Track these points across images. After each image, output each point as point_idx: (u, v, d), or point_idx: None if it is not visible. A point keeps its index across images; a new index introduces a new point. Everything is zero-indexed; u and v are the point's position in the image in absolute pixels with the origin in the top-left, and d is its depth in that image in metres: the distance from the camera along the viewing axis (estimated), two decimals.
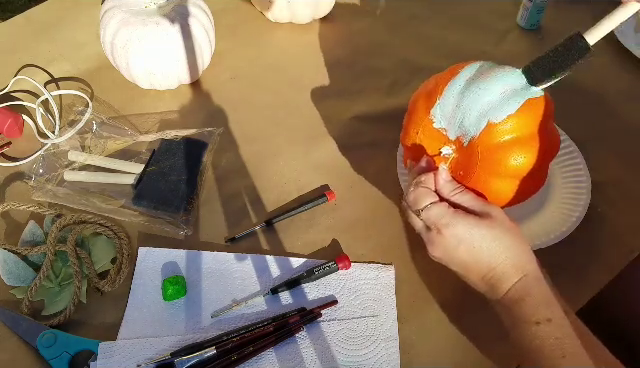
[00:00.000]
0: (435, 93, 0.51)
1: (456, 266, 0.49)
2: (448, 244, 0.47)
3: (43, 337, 0.51)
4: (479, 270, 0.47)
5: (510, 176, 0.49)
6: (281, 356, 0.52)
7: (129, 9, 0.70)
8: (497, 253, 0.46)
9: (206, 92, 0.77)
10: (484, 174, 0.50)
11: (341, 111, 0.75)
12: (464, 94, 0.49)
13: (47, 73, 0.78)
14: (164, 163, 0.65)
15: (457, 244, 0.47)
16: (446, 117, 0.51)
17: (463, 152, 0.51)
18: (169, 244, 0.60)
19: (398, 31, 0.88)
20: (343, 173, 0.68)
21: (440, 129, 0.52)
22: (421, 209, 0.49)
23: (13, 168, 0.67)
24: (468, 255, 0.47)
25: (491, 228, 0.47)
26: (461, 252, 0.47)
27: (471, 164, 0.50)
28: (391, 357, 0.52)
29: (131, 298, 0.56)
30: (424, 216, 0.49)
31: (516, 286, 0.46)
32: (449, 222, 0.47)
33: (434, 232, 0.48)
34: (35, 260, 0.58)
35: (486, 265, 0.47)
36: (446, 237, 0.47)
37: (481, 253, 0.46)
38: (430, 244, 0.49)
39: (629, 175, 0.68)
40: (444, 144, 0.53)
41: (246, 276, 0.58)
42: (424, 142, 0.54)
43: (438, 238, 0.48)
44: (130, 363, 0.50)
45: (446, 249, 0.47)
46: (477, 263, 0.47)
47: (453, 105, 0.50)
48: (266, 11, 0.86)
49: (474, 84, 0.49)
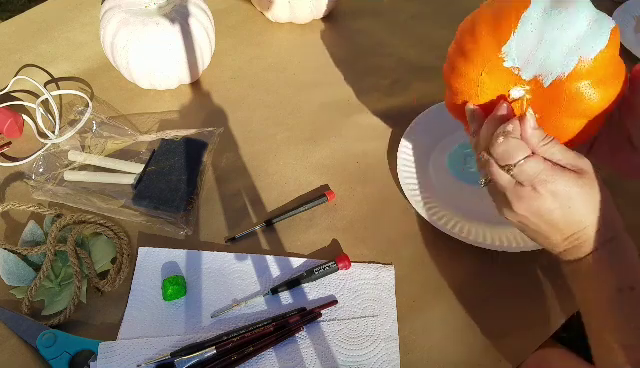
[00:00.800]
0: (507, 26, 0.43)
1: (541, 225, 0.44)
2: (542, 203, 0.43)
3: (43, 337, 0.51)
4: (567, 230, 0.44)
5: (591, 115, 0.45)
6: (281, 356, 0.52)
7: (129, 9, 0.70)
8: (590, 213, 0.43)
9: (206, 92, 0.77)
10: (566, 116, 0.45)
11: (341, 111, 0.75)
12: (546, 27, 0.42)
13: (47, 73, 0.78)
14: (164, 163, 0.65)
15: (552, 202, 0.42)
16: (523, 55, 0.44)
17: (541, 93, 0.45)
18: (169, 244, 0.60)
19: (398, 31, 0.88)
20: (343, 173, 0.68)
21: (512, 68, 0.45)
22: (514, 164, 0.43)
23: (13, 168, 0.67)
24: (561, 215, 0.43)
25: (588, 187, 0.43)
26: (555, 211, 0.43)
27: (552, 106, 0.45)
28: (391, 357, 0.52)
29: (131, 298, 0.56)
30: (517, 171, 0.43)
31: (606, 247, 0.43)
32: (547, 179, 0.42)
33: (527, 189, 0.43)
34: (35, 260, 0.58)
35: (577, 225, 0.43)
36: (542, 195, 0.42)
37: (575, 213, 0.43)
38: (517, 200, 0.44)
39: None
40: (514, 85, 0.46)
41: (246, 276, 0.58)
42: (489, 85, 0.47)
43: (531, 195, 0.43)
44: (130, 363, 0.50)
45: (539, 208, 0.43)
46: (568, 223, 0.43)
47: (533, 40, 0.43)
48: (266, 11, 0.86)
49: (556, 15, 0.42)
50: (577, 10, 0.42)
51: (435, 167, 0.67)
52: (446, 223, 0.60)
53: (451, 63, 0.49)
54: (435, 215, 0.61)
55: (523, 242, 0.58)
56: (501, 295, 0.57)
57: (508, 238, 0.59)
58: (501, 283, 0.58)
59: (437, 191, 0.65)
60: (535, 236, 0.47)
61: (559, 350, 0.62)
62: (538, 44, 0.43)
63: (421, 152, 0.68)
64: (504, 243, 0.58)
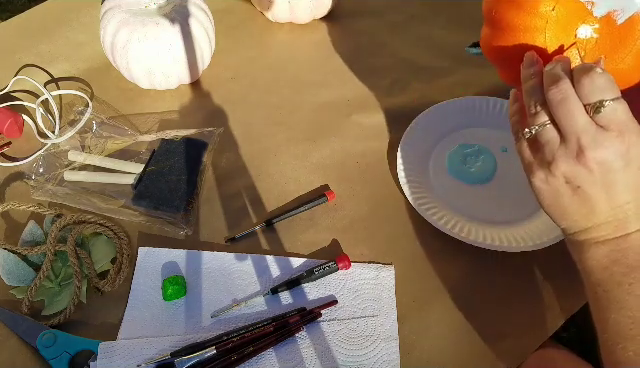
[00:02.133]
0: None
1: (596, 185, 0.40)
2: (620, 154, 0.38)
3: (43, 337, 0.51)
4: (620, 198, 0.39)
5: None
6: (281, 356, 0.52)
7: (129, 9, 0.70)
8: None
9: (206, 92, 0.77)
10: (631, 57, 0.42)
11: (341, 111, 0.75)
12: None
13: (47, 73, 0.78)
14: (164, 163, 0.65)
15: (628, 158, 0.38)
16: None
17: (611, 32, 0.42)
18: (169, 244, 0.60)
19: (398, 31, 0.88)
20: (343, 173, 0.68)
21: (587, 2, 0.42)
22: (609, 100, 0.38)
23: (13, 168, 0.67)
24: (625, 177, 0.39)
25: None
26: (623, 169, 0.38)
27: (619, 46, 0.42)
28: (391, 357, 0.52)
29: (131, 298, 0.56)
30: (609, 109, 0.38)
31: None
32: (635, 129, 0.38)
33: (613, 134, 0.38)
34: (35, 260, 0.58)
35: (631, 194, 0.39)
36: (625, 144, 0.38)
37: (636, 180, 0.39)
38: (595, 146, 0.38)
39: None
40: (582, 22, 0.42)
41: (246, 276, 0.58)
42: (559, 21, 0.42)
43: (615, 142, 0.38)
44: (130, 363, 0.50)
45: (613, 160, 0.38)
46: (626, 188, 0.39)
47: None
48: (266, 11, 0.86)
49: None
50: None
51: (435, 167, 0.67)
52: (446, 223, 0.60)
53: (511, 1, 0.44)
54: (435, 215, 0.61)
55: (523, 242, 0.58)
56: (501, 295, 0.57)
57: (508, 238, 0.59)
58: (501, 283, 0.58)
59: (437, 191, 0.65)
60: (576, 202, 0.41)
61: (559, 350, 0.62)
62: None
63: (421, 152, 0.68)
64: (504, 243, 0.58)
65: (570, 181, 0.40)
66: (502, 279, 0.58)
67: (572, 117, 0.39)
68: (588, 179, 0.39)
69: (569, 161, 0.40)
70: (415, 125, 0.69)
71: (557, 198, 0.42)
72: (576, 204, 0.41)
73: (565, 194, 0.41)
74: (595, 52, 0.43)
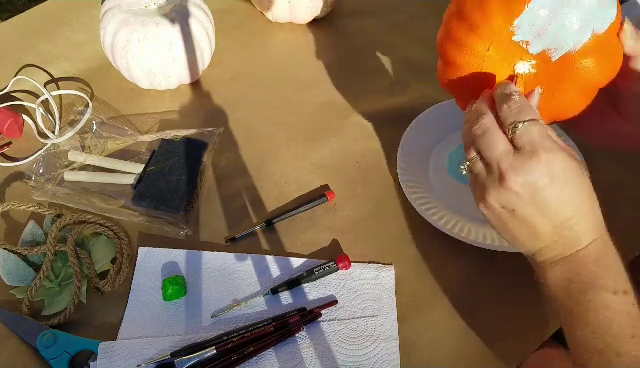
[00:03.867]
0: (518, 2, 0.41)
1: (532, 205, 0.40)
2: (541, 173, 0.39)
3: (43, 337, 0.51)
4: (558, 215, 0.40)
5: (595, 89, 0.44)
6: (281, 356, 0.52)
7: (129, 9, 0.70)
8: (584, 199, 0.40)
9: (206, 92, 0.77)
10: (570, 91, 0.44)
11: (341, 111, 0.75)
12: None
13: (47, 73, 0.78)
14: (164, 163, 0.65)
15: (551, 176, 0.39)
16: (535, 28, 0.42)
17: (546, 68, 0.44)
18: (169, 244, 0.60)
19: (398, 31, 0.88)
20: (343, 173, 0.68)
21: (521, 42, 0.43)
22: (520, 121, 0.40)
23: (13, 168, 0.67)
24: (557, 194, 0.39)
25: (582, 173, 0.40)
26: (548, 188, 0.39)
27: (557, 81, 0.43)
28: (391, 357, 0.52)
29: (131, 298, 0.56)
30: (522, 131, 0.40)
31: (598, 242, 0.40)
32: (551, 147, 0.39)
33: (527, 155, 0.39)
34: (35, 260, 0.58)
35: (569, 211, 0.40)
36: (542, 163, 0.39)
37: (571, 195, 0.40)
38: (513, 170, 0.40)
39: (629, 176, 0.68)
40: (520, 59, 0.44)
41: (246, 276, 0.58)
42: (495, 59, 0.44)
43: (530, 163, 0.39)
44: (130, 363, 0.50)
45: (535, 179, 0.39)
46: (560, 206, 0.40)
47: (547, 14, 0.41)
48: (266, 11, 0.86)
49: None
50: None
51: (435, 167, 0.67)
52: (446, 223, 0.60)
53: (452, 35, 0.46)
54: (435, 215, 0.61)
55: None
56: (501, 295, 0.57)
57: None
58: (501, 283, 0.58)
59: (437, 191, 0.65)
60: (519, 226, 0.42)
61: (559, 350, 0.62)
62: (552, 18, 0.41)
63: (421, 152, 0.68)
64: (504, 243, 0.58)
65: (505, 207, 0.42)
66: (502, 279, 0.58)
67: (491, 147, 0.41)
68: (518, 202, 0.41)
69: (496, 188, 0.41)
70: (415, 125, 0.69)
71: (503, 225, 0.43)
72: (520, 228, 0.42)
73: (507, 220, 0.43)
74: (536, 85, 0.44)
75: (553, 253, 0.42)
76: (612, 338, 0.39)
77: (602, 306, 0.39)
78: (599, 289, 0.40)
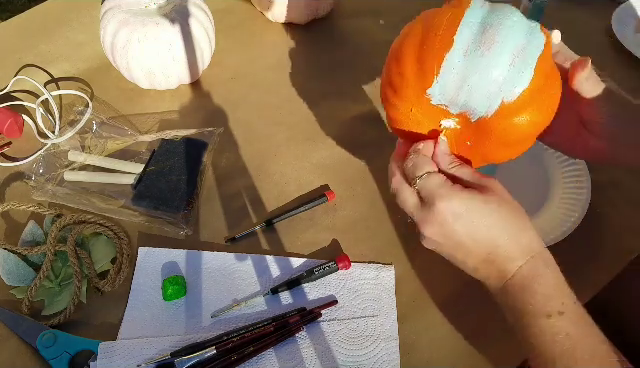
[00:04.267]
0: (430, 68, 0.43)
1: (453, 248, 0.44)
2: (444, 219, 0.42)
3: (43, 337, 0.51)
4: (479, 251, 0.43)
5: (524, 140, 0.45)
6: (281, 356, 0.52)
7: (129, 9, 0.70)
8: (498, 230, 0.42)
9: (206, 92, 0.77)
10: (497, 146, 0.45)
11: (341, 111, 0.75)
12: (467, 71, 0.41)
13: (47, 73, 0.78)
14: (164, 163, 0.65)
15: (454, 219, 0.42)
16: (447, 97, 0.43)
17: (470, 126, 0.45)
18: (169, 244, 0.60)
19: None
20: (343, 173, 0.68)
21: (439, 105, 0.45)
22: (418, 176, 0.44)
23: (13, 168, 0.67)
24: (466, 232, 0.42)
25: (490, 202, 0.42)
26: (458, 228, 0.42)
27: (482, 137, 0.45)
28: (391, 357, 0.52)
29: (131, 298, 0.56)
30: (420, 185, 0.44)
31: (523, 269, 0.41)
32: (445, 194, 0.42)
33: (428, 206, 0.43)
34: (35, 260, 0.58)
35: (486, 244, 0.42)
36: (441, 211, 0.42)
37: (480, 230, 0.42)
38: (423, 222, 0.43)
39: (628, 176, 0.68)
40: (445, 117, 0.46)
41: (246, 276, 0.58)
42: (420, 118, 0.47)
43: (433, 213, 0.42)
44: (130, 363, 0.50)
45: (441, 226, 0.42)
46: (476, 242, 0.42)
47: (456, 84, 0.42)
48: (266, 11, 0.86)
49: (477, 57, 0.41)
50: (499, 49, 0.40)
51: None
52: None
53: (384, 93, 0.50)
54: None
55: None
56: None
57: None
58: None
59: None
60: (456, 263, 0.46)
61: None
62: (460, 88, 0.42)
63: None
64: None
65: (435, 250, 0.46)
66: None
67: (404, 204, 0.46)
68: (440, 247, 0.45)
69: (421, 237, 0.46)
70: None
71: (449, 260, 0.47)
72: (462, 265, 0.46)
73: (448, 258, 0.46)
74: (463, 137, 0.46)
75: (493, 285, 0.44)
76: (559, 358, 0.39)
77: (539, 331, 0.40)
78: (533, 316, 0.41)
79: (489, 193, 0.43)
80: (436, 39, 0.42)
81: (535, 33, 0.42)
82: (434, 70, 0.42)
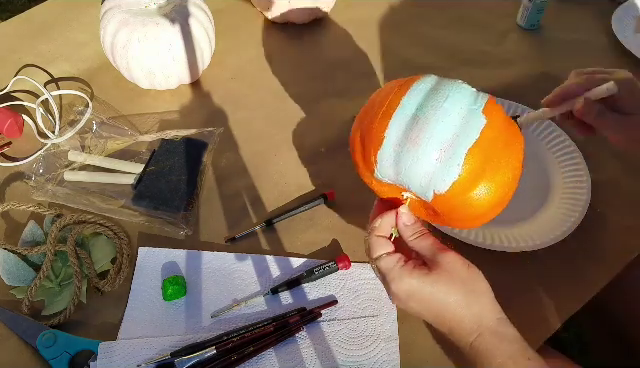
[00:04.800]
0: (369, 157, 0.46)
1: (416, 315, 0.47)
2: (399, 298, 0.46)
3: (43, 337, 0.51)
4: (436, 322, 0.46)
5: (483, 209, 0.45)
6: (281, 356, 0.52)
7: (129, 9, 0.70)
8: (448, 307, 0.45)
9: (206, 92, 0.77)
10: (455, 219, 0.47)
11: (341, 111, 0.75)
12: (399, 165, 0.43)
13: (47, 73, 0.78)
14: (164, 163, 0.65)
15: (407, 297, 0.45)
16: (390, 180, 0.46)
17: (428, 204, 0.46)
18: (169, 244, 0.60)
19: (398, 31, 0.88)
20: (343, 173, 0.68)
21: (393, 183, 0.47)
22: (374, 258, 0.47)
23: (13, 168, 0.67)
24: (421, 308, 0.45)
25: (438, 282, 0.45)
26: (413, 305, 0.45)
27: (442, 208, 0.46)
28: (391, 357, 0.52)
29: (131, 298, 0.56)
30: (376, 266, 0.47)
31: (476, 342, 0.44)
32: (395, 277, 0.45)
33: (386, 284, 0.46)
34: (35, 260, 0.58)
35: (442, 318, 0.45)
36: (395, 292, 0.46)
37: (433, 305, 0.45)
38: (387, 292, 0.47)
39: (628, 176, 0.68)
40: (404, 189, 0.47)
41: (246, 276, 0.58)
42: (380, 189, 0.49)
43: (390, 291, 0.46)
44: (130, 363, 0.50)
45: (399, 301, 0.46)
46: (432, 315, 0.46)
47: (393, 173, 0.44)
48: (266, 11, 0.86)
49: (405, 152, 0.42)
50: (425, 146, 0.41)
51: None
52: None
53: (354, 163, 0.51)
54: None
55: (523, 242, 0.58)
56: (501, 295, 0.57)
57: (508, 238, 0.59)
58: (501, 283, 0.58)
59: None
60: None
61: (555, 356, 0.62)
62: (397, 175, 0.44)
63: None
64: (504, 243, 0.58)
65: None
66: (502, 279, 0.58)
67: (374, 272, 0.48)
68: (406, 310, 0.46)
69: None
70: None
71: None
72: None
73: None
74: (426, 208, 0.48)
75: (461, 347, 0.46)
76: None
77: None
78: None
79: (439, 270, 0.45)
80: (372, 132, 0.45)
81: (473, 118, 0.42)
82: (372, 161, 0.45)
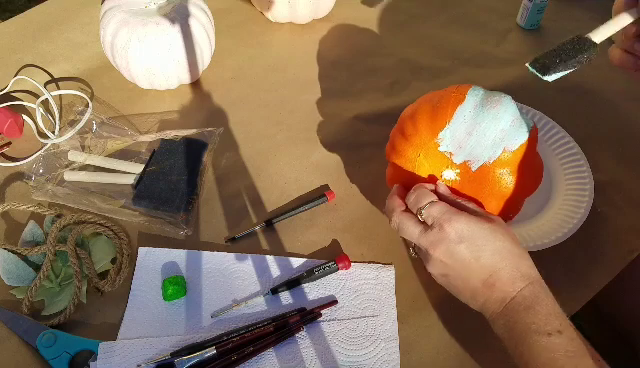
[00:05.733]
0: (443, 116, 0.50)
1: (457, 268, 0.46)
2: (450, 240, 0.46)
3: (43, 337, 0.51)
4: (481, 272, 0.45)
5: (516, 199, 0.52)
6: (281, 356, 0.52)
7: (129, 9, 0.70)
8: (501, 255, 0.45)
9: (206, 92, 0.77)
10: (489, 196, 0.51)
11: (341, 111, 0.75)
12: (477, 120, 0.49)
13: (47, 73, 0.78)
14: (164, 163, 0.65)
15: (459, 240, 0.45)
16: (456, 142, 0.51)
17: (468, 176, 0.52)
18: (169, 244, 0.60)
19: (398, 31, 0.88)
20: (343, 173, 0.68)
21: (446, 153, 0.52)
22: (422, 207, 0.48)
23: (13, 168, 0.67)
24: (470, 253, 0.45)
25: (494, 230, 0.46)
26: (463, 249, 0.45)
27: (478, 188, 0.51)
28: (391, 357, 0.52)
29: (131, 298, 0.56)
30: (425, 214, 0.48)
31: (524, 292, 0.44)
32: (452, 217, 0.46)
33: (435, 230, 0.47)
34: (35, 260, 0.58)
35: (489, 266, 0.45)
36: (448, 233, 0.46)
37: (485, 252, 0.45)
38: (430, 245, 0.47)
39: (629, 175, 0.68)
40: (447, 167, 0.53)
41: (246, 276, 0.58)
42: (425, 165, 0.53)
43: (439, 235, 0.46)
44: (130, 363, 0.50)
45: (447, 248, 0.46)
46: (479, 262, 0.45)
47: (465, 131, 0.50)
48: (266, 11, 0.86)
49: (486, 111, 0.49)
50: (503, 109, 0.49)
51: None
52: None
53: (393, 143, 0.56)
54: None
55: (524, 242, 0.58)
56: None
57: None
58: None
59: None
60: (459, 288, 0.48)
61: None
62: (469, 134, 0.50)
63: None
64: None
65: (441, 274, 0.49)
66: None
67: (408, 234, 0.50)
68: (446, 268, 0.47)
69: (428, 262, 0.49)
70: None
71: (450, 289, 0.50)
72: (460, 290, 0.48)
73: (448, 284, 0.49)
74: (459, 192, 0.53)
75: (492, 309, 0.46)
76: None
77: (542, 349, 0.42)
78: (534, 334, 0.43)
79: (493, 222, 0.47)
80: (450, 97, 0.51)
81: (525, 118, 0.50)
82: (446, 118, 0.50)
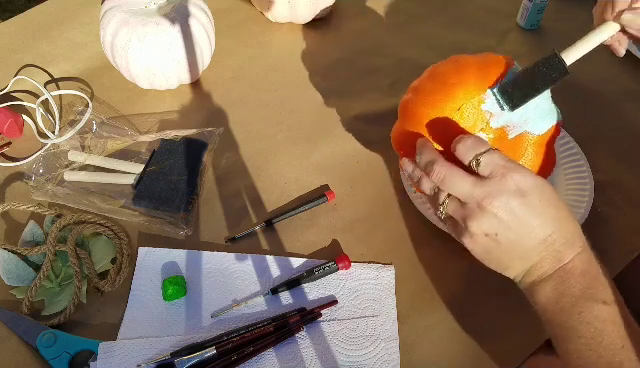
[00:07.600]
0: (496, 72, 0.46)
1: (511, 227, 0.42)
2: (511, 193, 0.41)
3: (43, 337, 0.51)
4: (541, 230, 0.41)
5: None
6: (281, 356, 0.52)
7: (129, 9, 0.70)
8: (561, 214, 0.42)
9: (206, 92, 0.77)
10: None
11: (341, 111, 0.75)
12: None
13: (47, 73, 0.78)
14: (164, 163, 0.65)
15: (521, 194, 0.41)
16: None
17: (502, 144, 0.48)
18: (169, 244, 0.60)
19: (398, 31, 0.88)
20: (343, 173, 0.68)
21: (486, 112, 0.47)
22: (480, 153, 0.43)
23: (13, 168, 0.67)
24: (533, 209, 0.41)
25: (553, 190, 0.42)
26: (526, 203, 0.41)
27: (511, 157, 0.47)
28: (391, 357, 0.52)
29: (131, 298, 0.56)
30: (486, 161, 0.42)
31: (581, 255, 0.41)
32: (515, 167, 0.41)
33: (497, 179, 0.41)
34: (35, 260, 0.58)
35: (550, 224, 0.41)
36: (509, 185, 0.41)
37: (546, 208, 0.41)
38: (488, 195, 0.41)
39: (629, 175, 0.68)
40: (481, 130, 0.49)
41: (246, 276, 0.58)
42: (461, 122, 0.48)
43: (499, 186, 0.41)
44: (130, 363, 0.50)
45: (507, 201, 0.41)
46: (540, 219, 0.41)
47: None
48: (266, 11, 0.86)
49: None
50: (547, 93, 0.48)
51: None
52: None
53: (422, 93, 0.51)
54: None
55: None
56: (502, 295, 0.57)
57: None
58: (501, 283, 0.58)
59: None
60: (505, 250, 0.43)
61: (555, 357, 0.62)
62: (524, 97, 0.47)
63: None
64: None
65: (488, 233, 0.43)
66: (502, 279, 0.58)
67: (458, 184, 0.43)
68: (500, 225, 0.42)
69: (476, 217, 0.43)
70: None
71: (489, 253, 0.45)
72: (506, 251, 0.44)
73: (493, 246, 0.44)
74: None
75: (542, 270, 0.43)
76: (604, 349, 0.39)
77: (593, 317, 0.40)
78: (588, 300, 0.40)
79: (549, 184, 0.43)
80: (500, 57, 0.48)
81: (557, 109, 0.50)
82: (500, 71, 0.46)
